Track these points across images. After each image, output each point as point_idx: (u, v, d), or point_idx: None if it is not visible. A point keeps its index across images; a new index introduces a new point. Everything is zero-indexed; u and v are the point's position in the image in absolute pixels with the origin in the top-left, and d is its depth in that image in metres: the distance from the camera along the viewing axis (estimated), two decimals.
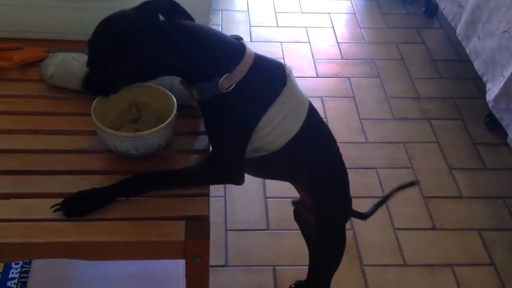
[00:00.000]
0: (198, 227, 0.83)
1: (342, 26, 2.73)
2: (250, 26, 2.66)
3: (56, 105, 1.05)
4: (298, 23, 2.71)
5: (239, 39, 0.93)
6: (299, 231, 1.35)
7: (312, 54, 2.50)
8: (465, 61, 2.44)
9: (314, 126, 0.99)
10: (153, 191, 0.89)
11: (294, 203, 1.23)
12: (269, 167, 1.02)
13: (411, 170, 1.95)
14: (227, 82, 0.87)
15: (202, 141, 1.00)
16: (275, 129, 0.92)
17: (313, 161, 1.01)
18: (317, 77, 2.38)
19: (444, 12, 2.30)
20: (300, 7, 2.84)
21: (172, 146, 0.98)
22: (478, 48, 1.94)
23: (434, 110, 2.23)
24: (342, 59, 2.49)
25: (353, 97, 2.28)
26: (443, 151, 2.04)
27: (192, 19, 0.90)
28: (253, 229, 1.72)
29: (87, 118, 0.94)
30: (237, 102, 0.89)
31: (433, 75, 2.42)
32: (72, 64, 1.03)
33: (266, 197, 1.81)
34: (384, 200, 1.28)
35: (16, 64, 1.11)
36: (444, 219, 1.79)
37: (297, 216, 1.29)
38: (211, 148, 0.95)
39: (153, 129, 0.90)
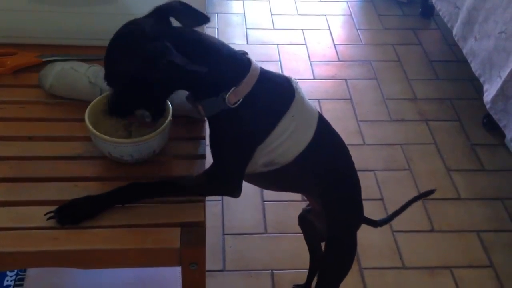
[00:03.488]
0: (194, 234, 0.82)
1: (339, 28, 2.72)
2: (246, 28, 2.66)
3: (51, 111, 1.04)
4: (294, 25, 2.70)
5: (244, 53, 0.92)
6: (297, 234, 1.34)
7: (309, 56, 2.49)
8: (462, 62, 2.43)
9: (325, 136, 0.98)
10: (148, 199, 0.88)
11: (304, 210, 1.22)
12: (282, 180, 1.01)
13: (409, 172, 1.94)
14: (234, 96, 0.85)
15: (198, 147, 1.00)
16: (286, 141, 0.91)
17: (326, 170, 1.01)
18: (314, 79, 2.37)
19: (441, 13, 2.29)
20: (296, 9, 2.83)
21: (167, 151, 0.97)
22: (475, 49, 1.93)
23: (431, 112, 2.22)
24: (339, 61, 2.49)
25: (350, 99, 2.27)
26: (441, 152, 2.04)
27: (207, 18, 0.87)
28: (251, 233, 1.71)
29: (82, 124, 0.93)
30: (245, 117, 0.87)
31: (430, 76, 2.42)
32: (71, 75, 1.02)
33: (264, 201, 1.80)
34: (401, 210, 1.27)
35: (9, 70, 1.09)
36: (443, 221, 1.78)
37: (303, 222, 1.28)
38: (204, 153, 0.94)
39: (147, 135, 0.89)
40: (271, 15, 2.77)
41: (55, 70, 1.03)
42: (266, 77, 0.91)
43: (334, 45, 2.58)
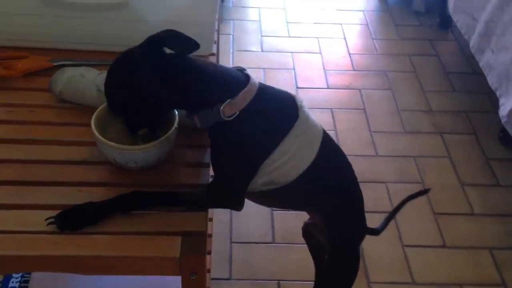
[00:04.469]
0: (195, 243, 0.81)
1: (354, 37, 2.70)
2: (261, 35, 2.66)
3: (59, 115, 1.04)
4: (310, 33, 2.69)
5: (242, 70, 0.92)
6: (305, 244, 1.32)
7: (323, 65, 2.48)
8: (479, 74, 2.40)
9: (328, 155, 0.96)
10: (150, 209, 0.87)
11: (305, 224, 1.21)
12: (282, 199, 1.00)
13: (422, 185, 1.91)
14: (229, 109, 0.85)
15: (203, 155, 0.99)
16: (288, 162, 0.89)
17: (328, 190, 0.99)
18: (328, 88, 2.36)
19: (458, 25, 2.26)
20: (313, 17, 2.82)
21: (173, 158, 0.96)
22: (491, 62, 1.90)
23: (446, 124, 2.19)
24: (354, 70, 2.47)
25: (364, 109, 2.25)
26: (455, 166, 2.00)
27: (197, 45, 0.87)
28: (259, 242, 1.70)
29: (88, 128, 0.93)
30: (242, 131, 0.87)
31: (446, 88, 2.39)
32: (80, 82, 1.02)
33: (273, 210, 1.79)
34: (394, 212, 1.25)
35: (20, 73, 1.10)
36: (455, 237, 1.75)
37: (307, 235, 1.27)
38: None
39: (152, 142, 0.88)
40: (287, 23, 2.76)
41: (65, 76, 1.04)
42: (266, 93, 0.90)
43: (349, 54, 2.56)
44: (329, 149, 0.97)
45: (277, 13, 2.84)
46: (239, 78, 0.88)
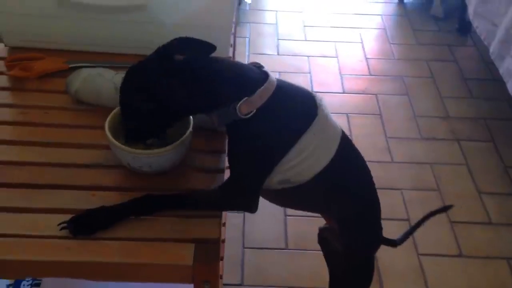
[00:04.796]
0: (208, 251, 0.79)
1: (372, 42, 2.68)
2: (277, 39, 2.64)
3: (74, 117, 1.04)
4: (326, 37, 2.67)
5: (260, 67, 0.90)
6: (319, 251, 1.30)
7: (340, 69, 2.46)
8: (498, 81, 2.37)
9: (346, 157, 0.94)
10: (163, 212, 0.86)
11: (321, 229, 1.19)
12: (297, 199, 0.99)
13: (438, 192, 1.88)
14: (246, 107, 0.84)
15: (218, 160, 0.97)
16: (305, 160, 0.88)
17: (345, 193, 0.97)
18: (344, 93, 2.33)
19: (477, 31, 2.23)
20: (330, 21, 2.80)
21: (187, 163, 0.95)
22: (511, 69, 1.87)
23: (464, 131, 2.15)
24: (370, 75, 2.44)
25: (380, 114, 2.22)
26: (472, 174, 1.97)
27: (213, 47, 0.86)
28: (271, 248, 1.68)
29: (103, 131, 0.92)
30: (260, 129, 0.86)
31: (464, 94, 2.35)
32: (97, 81, 1.02)
33: (286, 215, 1.77)
34: (415, 227, 1.23)
35: (36, 74, 1.10)
36: (471, 246, 1.71)
37: (322, 241, 1.25)
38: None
39: (167, 147, 0.87)
40: (304, 26, 2.75)
41: (82, 76, 1.03)
42: (285, 91, 0.88)
43: (366, 59, 2.54)
44: (348, 151, 0.95)
45: (294, 17, 2.82)
46: (257, 76, 0.87)
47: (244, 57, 2.47)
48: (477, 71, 2.49)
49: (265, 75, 0.88)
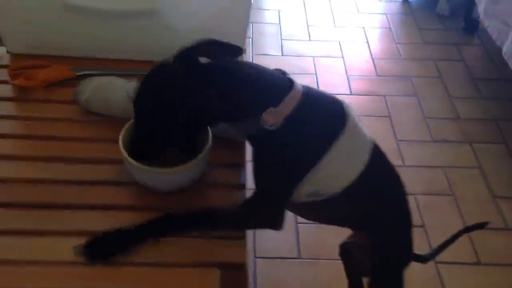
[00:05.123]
0: (235, 279, 0.74)
1: (377, 41, 2.62)
2: (281, 39, 2.58)
3: (82, 129, 0.98)
4: (331, 37, 2.61)
5: (283, 73, 0.84)
6: (333, 260, 1.25)
7: (346, 70, 2.40)
8: (508, 80, 2.32)
9: (377, 167, 0.89)
10: (184, 233, 0.80)
11: (346, 242, 1.14)
12: (326, 211, 0.93)
13: (452, 197, 1.83)
14: (271, 117, 0.78)
15: (238, 175, 0.92)
16: (334, 172, 0.82)
17: (376, 205, 0.92)
18: (351, 94, 2.28)
19: (489, 30, 2.17)
20: (334, 20, 2.74)
21: (205, 178, 0.89)
22: None
23: (475, 133, 2.10)
24: (377, 76, 2.39)
25: (389, 116, 2.17)
26: (486, 177, 1.92)
27: (239, 50, 0.81)
28: (283, 257, 1.62)
29: (114, 144, 0.86)
30: (286, 141, 0.80)
31: (473, 94, 2.30)
32: (108, 89, 0.96)
33: (297, 223, 1.71)
34: (447, 243, 1.18)
35: (41, 83, 1.03)
36: (489, 253, 1.66)
37: (345, 254, 1.20)
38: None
39: (186, 164, 0.81)
40: (307, 26, 2.68)
41: (93, 84, 0.97)
42: (312, 99, 0.82)
43: (373, 59, 2.48)
44: (380, 163, 0.90)
45: (297, 16, 2.76)
46: (282, 83, 0.81)
47: (248, 58, 2.41)
48: (485, 70, 2.44)
49: (290, 82, 0.82)
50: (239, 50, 0.82)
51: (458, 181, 1.90)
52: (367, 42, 2.60)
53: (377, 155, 0.89)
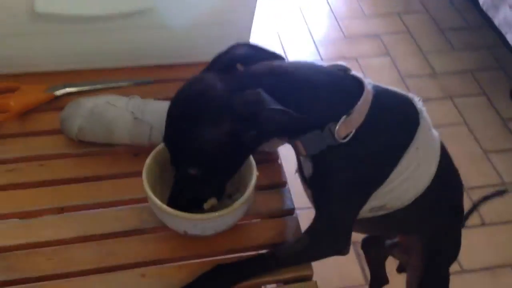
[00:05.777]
0: None
1: (337, 1, 2.49)
2: None
3: (80, 165, 0.79)
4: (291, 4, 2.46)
5: (345, 70, 0.70)
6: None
7: (311, 35, 2.27)
8: (475, 29, 2.28)
9: (444, 171, 0.77)
10: (241, 283, 0.66)
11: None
12: (385, 224, 0.81)
13: None
14: (344, 128, 0.64)
15: (282, 198, 0.78)
16: (405, 182, 0.70)
17: (440, 211, 0.82)
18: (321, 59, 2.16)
19: None
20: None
21: (249, 209, 0.75)
22: (510, 19, 1.75)
23: (454, 87, 2.04)
24: (345, 38, 2.27)
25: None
26: (473, 133, 1.88)
27: (278, 56, 0.66)
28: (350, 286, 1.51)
29: (126, 180, 0.71)
30: (360, 154, 0.67)
31: (444, 46, 2.23)
32: (108, 111, 0.77)
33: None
34: (468, 213, 1.10)
35: (16, 115, 0.83)
36: (492, 213, 1.63)
37: (369, 247, 1.12)
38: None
39: (235, 204, 0.66)
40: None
41: (85, 108, 0.78)
42: (382, 100, 0.68)
43: (336, 19, 2.36)
44: (445, 162, 0.78)
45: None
46: (351, 84, 0.67)
47: None
48: (451, 20, 2.37)
49: (357, 81, 0.68)
50: (279, 56, 0.67)
51: (447, 140, 1.84)
52: (328, 2, 2.46)
53: (443, 153, 0.78)
